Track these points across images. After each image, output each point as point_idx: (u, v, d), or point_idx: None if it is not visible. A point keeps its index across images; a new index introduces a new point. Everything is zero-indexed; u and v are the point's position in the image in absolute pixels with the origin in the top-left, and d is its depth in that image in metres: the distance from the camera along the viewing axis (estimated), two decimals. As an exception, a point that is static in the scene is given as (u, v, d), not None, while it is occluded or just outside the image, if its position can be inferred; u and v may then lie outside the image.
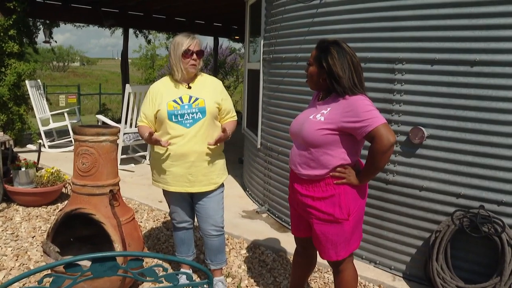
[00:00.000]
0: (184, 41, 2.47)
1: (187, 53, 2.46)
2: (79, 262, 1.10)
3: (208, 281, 1.09)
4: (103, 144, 2.54)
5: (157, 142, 2.44)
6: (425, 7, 2.71)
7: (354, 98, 1.97)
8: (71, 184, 2.66)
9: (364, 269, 3.08)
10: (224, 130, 2.49)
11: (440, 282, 2.65)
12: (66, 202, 4.00)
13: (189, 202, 2.68)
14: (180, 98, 2.51)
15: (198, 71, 2.61)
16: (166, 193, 2.67)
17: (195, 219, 2.75)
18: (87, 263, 1.08)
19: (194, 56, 2.48)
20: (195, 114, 2.47)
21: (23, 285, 2.74)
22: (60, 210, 2.81)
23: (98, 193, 2.55)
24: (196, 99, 2.51)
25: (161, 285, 1.13)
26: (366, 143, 2.03)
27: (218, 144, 2.54)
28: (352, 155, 2.05)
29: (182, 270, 2.87)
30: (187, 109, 2.48)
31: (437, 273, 2.67)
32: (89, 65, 41.28)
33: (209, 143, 2.49)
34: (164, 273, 1.08)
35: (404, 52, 2.82)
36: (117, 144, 2.68)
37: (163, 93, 2.54)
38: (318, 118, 2.03)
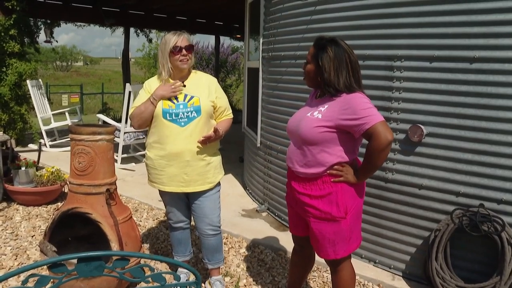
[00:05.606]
0: (170, 39, 2.43)
1: (175, 50, 2.42)
2: (71, 261, 1.08)
3: (197, 282, 1.08)
4: (99, 143, 2.53)
5: (169, 91, 2.46)
6: (424, 3, 2.68)
7: (352, 96, 1.96)
8: (68, 183, 2.65)
9: (363, 268, 3.06)
10: (215, 130, 2.43)
11: (439, 281, 2.63)
12: (65, 201, 4.00)
13: (185, 202, 2.66)
14: (175, 97, 2.48)
15: (191, 66, 2.55)
16: (162, 193, 2.65)
17: (192, 219, 2.74)
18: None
19: (184, 51, 2.44)
20: (190, 113, 2.44)
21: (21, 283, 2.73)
22: (57, 209, 2.80)
23: (94, 192, 2.54)
24: (191, 97, 2.48)
25: (156, 284, 1.12)
26: (364, 141, 2.01)
27: (208, 143, 2.48)
28: (350, 153, 2.03)
29: (179, 270, 2.86)
30: (182, 108, 2.45)
31: (437, 273, 2.64)
32: (92, 65, 41.34)
33: (198, 141, 2.46)
34: (151, 272, 1.07)
35: (402, 49, 2.79)
36: (113, 143, 2.67)
37: None
38: (316, 115, 2.01)
